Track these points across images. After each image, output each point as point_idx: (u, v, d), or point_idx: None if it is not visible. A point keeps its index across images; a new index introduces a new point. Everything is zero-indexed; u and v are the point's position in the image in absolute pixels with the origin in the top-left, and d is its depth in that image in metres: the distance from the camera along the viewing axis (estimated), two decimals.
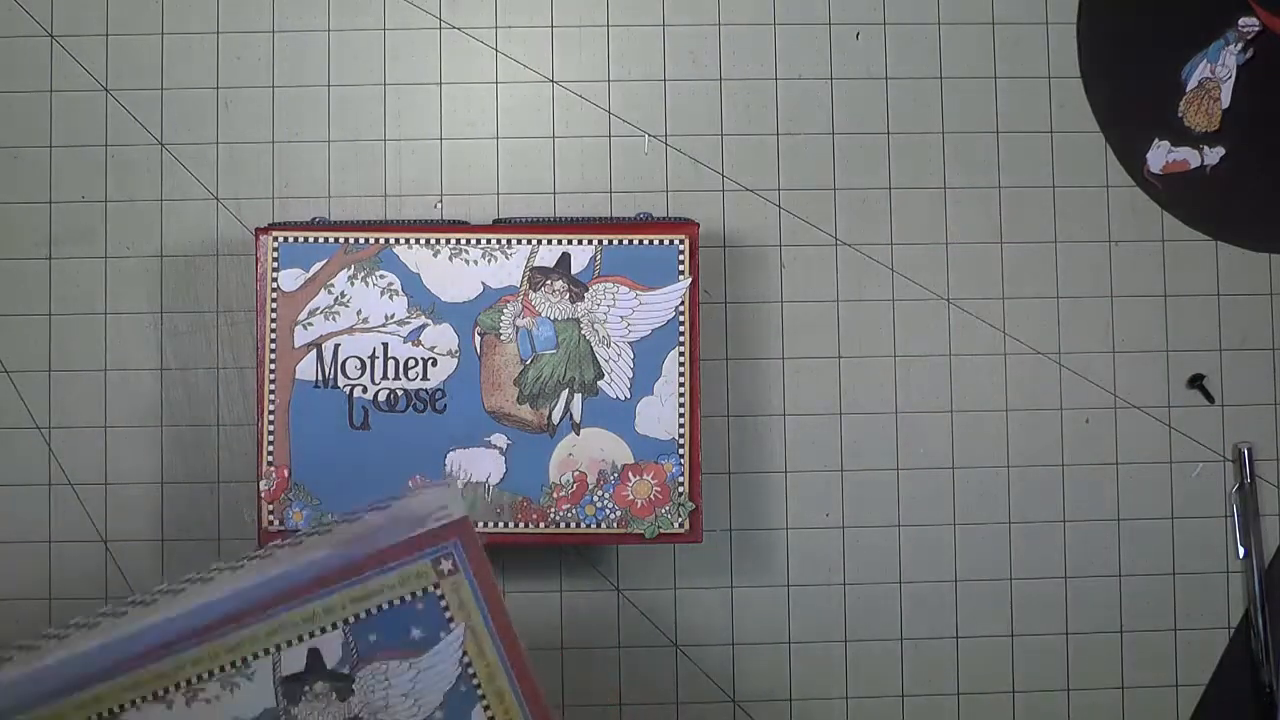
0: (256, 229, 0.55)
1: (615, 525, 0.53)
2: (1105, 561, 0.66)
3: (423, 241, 0.50)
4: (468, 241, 0.50)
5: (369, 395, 0.51)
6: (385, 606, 0.42)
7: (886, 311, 0.66)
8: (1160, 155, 0.66)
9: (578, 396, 0.51)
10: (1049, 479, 0.66)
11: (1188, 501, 0.66)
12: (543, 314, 0.50)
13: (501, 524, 0.52)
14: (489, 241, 0.50)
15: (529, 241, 0.50)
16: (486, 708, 0.43)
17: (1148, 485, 0.66)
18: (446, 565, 0.43)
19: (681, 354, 0.50)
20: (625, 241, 0.51)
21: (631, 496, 0.52)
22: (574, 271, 0.51)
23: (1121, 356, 0.66)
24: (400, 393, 0.51)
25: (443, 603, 0.42)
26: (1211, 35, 0.66)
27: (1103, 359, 0.66)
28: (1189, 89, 0.66)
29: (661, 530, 0.53)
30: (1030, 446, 0.66)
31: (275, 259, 0.51)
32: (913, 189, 0.66)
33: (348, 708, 0.42)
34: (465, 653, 0.42)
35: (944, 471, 0.66)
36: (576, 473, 0.52)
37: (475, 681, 0.42)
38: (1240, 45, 0.66)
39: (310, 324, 0.51)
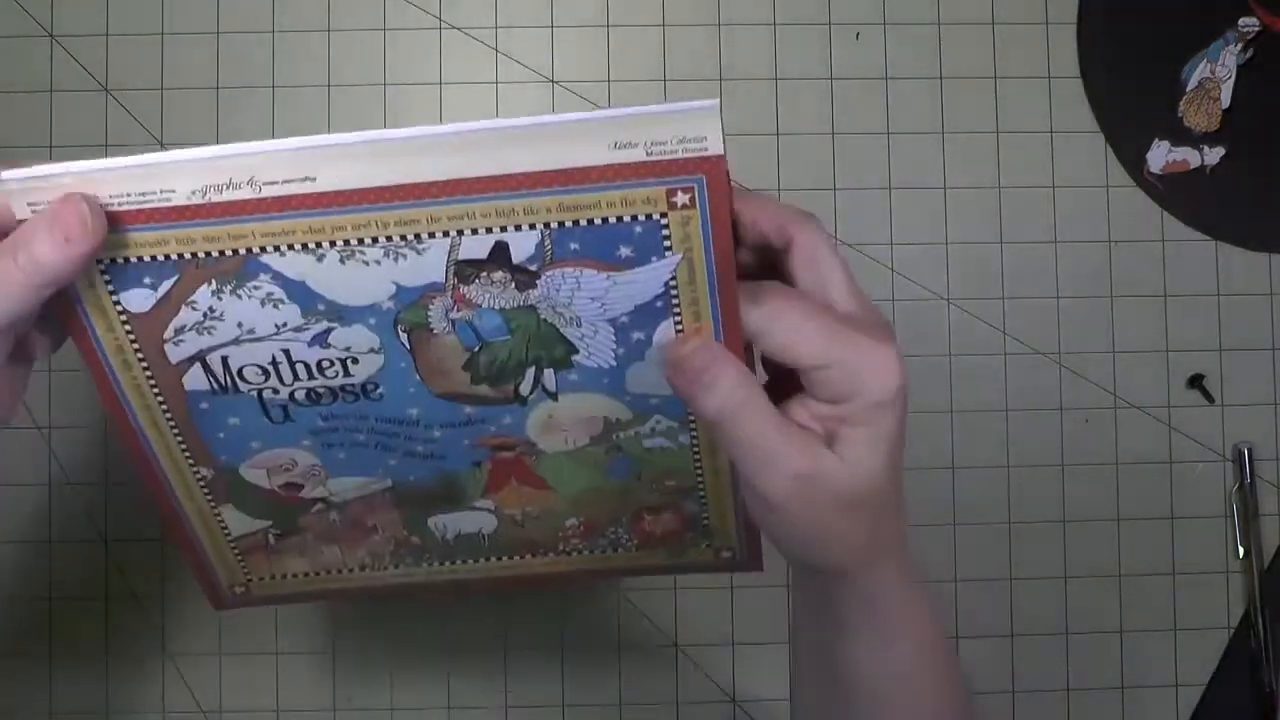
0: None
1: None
2: (1105, 561, 0.66)
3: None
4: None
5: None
6: (597, 221, 0.36)
7: (886, 311, 0.66)
8: (1160, 155, 0.66)
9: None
10: (1049, 479, 0.66)
11: (1188, 501, 0.66)
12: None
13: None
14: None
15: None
16: (679, 322, 0.38)
17: (1148, 485, 0.66)
18: (682, 199, 0.36)
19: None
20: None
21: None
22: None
23: (1121, 356, 0.66)
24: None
25: (664, 232, 0.36)
26: (1211, 35, 0.66)
27: (1103, 359, 0.66)
28: (1189, 89, 0.66)
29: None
30: (1030, 446, 0.66)
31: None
32: (913, 189, 0.66)
33: (525, 297, 0.38)
34: (674, 277, 0.37)
35: (944, 471, 0.66)
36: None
37: (675, 302, 0.38)
38: (1240, 45, 0.66)
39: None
